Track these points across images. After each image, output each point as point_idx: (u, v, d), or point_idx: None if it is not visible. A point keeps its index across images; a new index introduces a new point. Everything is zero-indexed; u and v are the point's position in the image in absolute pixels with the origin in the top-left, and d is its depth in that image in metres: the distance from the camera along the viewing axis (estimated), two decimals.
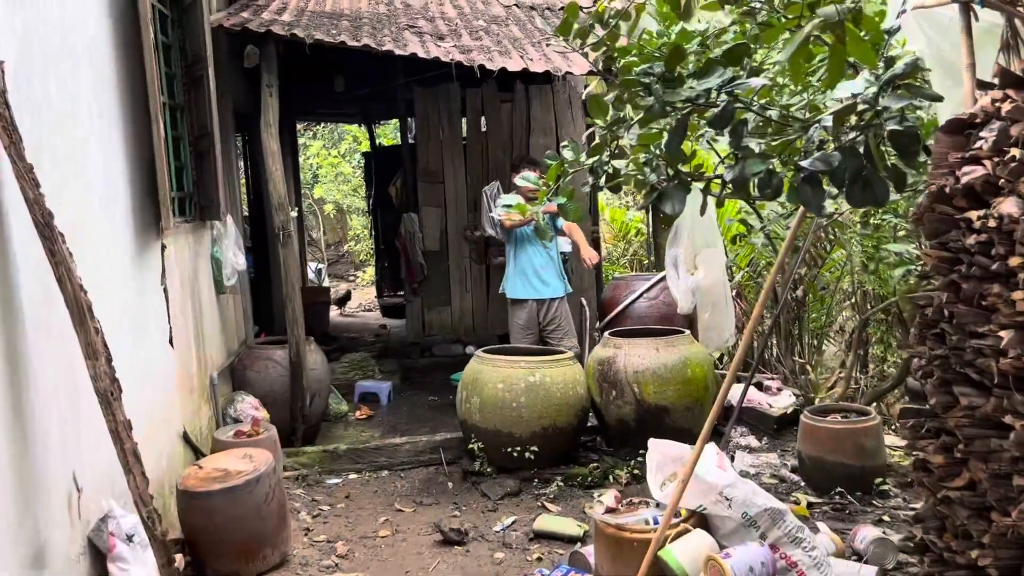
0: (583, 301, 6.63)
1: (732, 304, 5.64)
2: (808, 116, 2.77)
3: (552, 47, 6.19)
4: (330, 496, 4.86)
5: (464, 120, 7.81)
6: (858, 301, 6.36)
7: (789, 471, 4.89)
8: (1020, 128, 2.34)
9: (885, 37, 2.45)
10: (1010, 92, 2.44)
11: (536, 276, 5.89)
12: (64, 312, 2.65)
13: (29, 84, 2.75)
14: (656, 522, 3.21)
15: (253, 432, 4.60)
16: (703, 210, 2.83)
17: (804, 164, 2.31)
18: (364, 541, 4.23)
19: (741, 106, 2.54)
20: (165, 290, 4.16)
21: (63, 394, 2.89)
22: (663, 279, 6.17)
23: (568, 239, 6.22)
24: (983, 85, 2.89)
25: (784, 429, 5.64)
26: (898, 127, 2.35)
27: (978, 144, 2.59)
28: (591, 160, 3.19)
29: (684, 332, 5.21)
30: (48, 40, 2.98)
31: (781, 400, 5.72)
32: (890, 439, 5.09)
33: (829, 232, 5.69)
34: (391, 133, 14.80)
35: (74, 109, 3.21)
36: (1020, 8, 2.83)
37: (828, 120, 2.42)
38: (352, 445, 5.37)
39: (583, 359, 5.81)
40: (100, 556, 3.01)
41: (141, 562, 2.97)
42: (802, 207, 3.25)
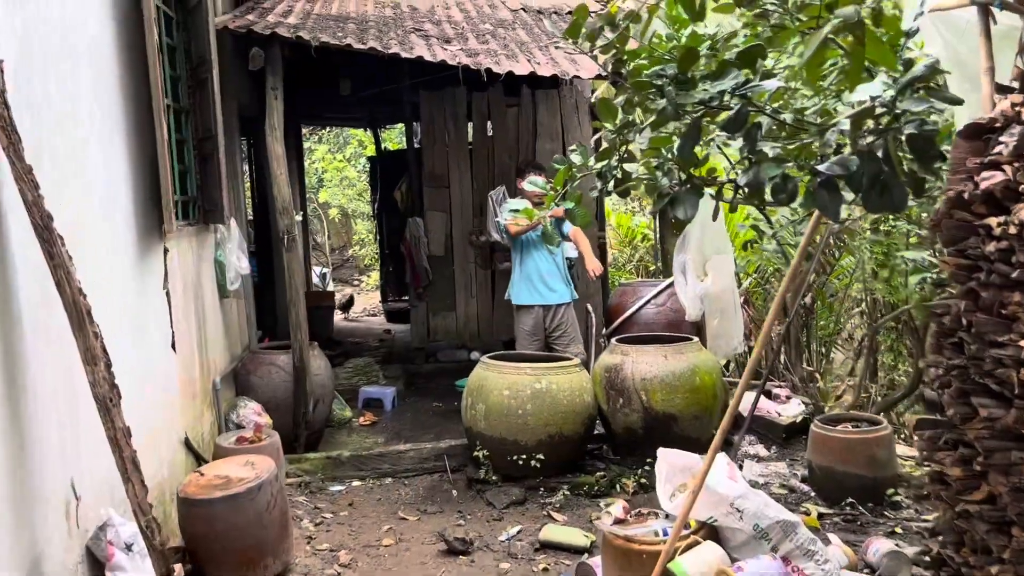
0: (589, 307, 6.57)
1: (741, 311, 5.57)
2: (821, 120, 2.72)
3: (559, 51, 6.14)
4: (333, 504, 4.80)
5: (470, 124, 7.76)
6: (868, 309, 6.28)
7: (799, 481, 4.82)
8: None
9: (904, 39, 2.39)
10: None
11: (542, 282, 5.83)
12: (63, 316, 2.61)
13: (29, 84, 2.71)
14: (666, 534, 3.14)
15: (255, 438, 4.54)
16: (715, 215, 2.78)
17: (821, 168, 2.25)
18: (367, 550, 4.16)
19: (755, 109, 2.49)
20: (167, 294, 4.11)
21: (62, 400, 2.85)
22: (670, 285, 6.10)
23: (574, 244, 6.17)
24: (1002, 89, 2.83)
25: (793, 438, 5.57)
26: (916, 131, 2.29)
27: (997, 149, 2.53)
28: (600, 164, 3.14)
29: (693, 339, 5.15)
30: (48, 40, 2.93)
31: (790, 408, 5.65)
32: (901, 449, 5.02)
33: (838, 239, 5.62)
34: (396, 137, 14.78)
35: (75, 110, 3.16)
36: None
37: (845, 124, 2.36)
38: (356, 452, 5.31)
39: (589, 365, 5.75)
40: (98, 565, 2.95)
41: (140, 571, 2.91)
42: (816, 213, 3.20)
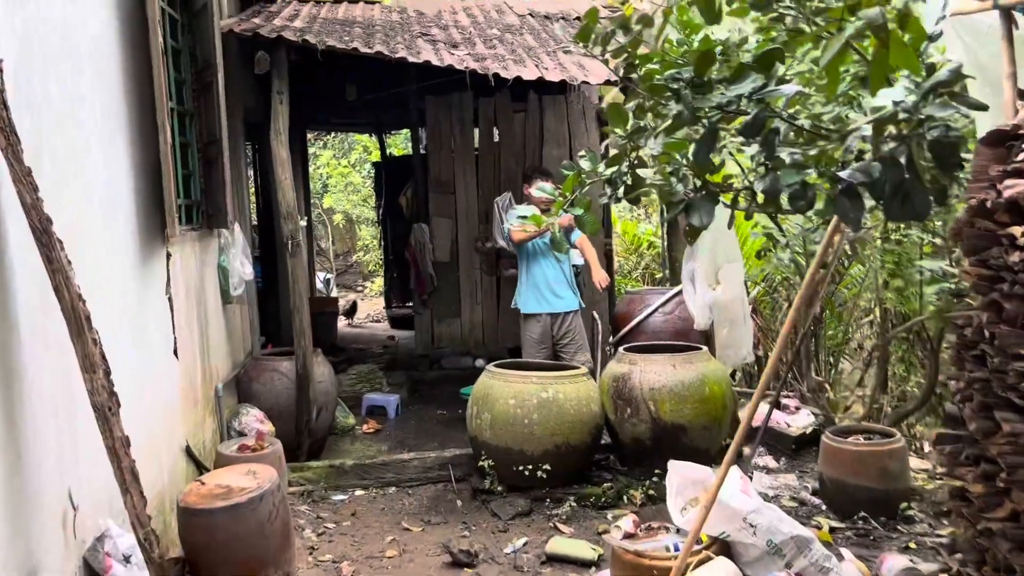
0: (595, 315, 6.50)
1: (751, 321, 5.49)
2: (835, 127, 2.66)
3: (568, 56, 6.08)
4: (336, 513, 4.72)
5: (476, 130, 7.71)
6: (878, 319, 6.20)
7: (809, 494, 4.74)
8: None
9: (927, 43, 2.32)
10: None
11: (549, 290, 5.77)
12: (62, 321, 2.54)
13: (29, 84, 2.65)
14: (677, 549, 3.07)
15: (258, 446, 4.47)
16: (731, 223, 2.71)
17: (843, 175, 2.18)
18: (370, 561, 4.09)
19: (772, 115, 2.42)
20: (170, 299, 4.05)
21: (60, 407, 2.78)
22: (678, 293, 6.02)
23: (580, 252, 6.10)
24: None
25: (802, 449, 5.49)
26: (940, 137, 2.22)
27: (1021, 156, 2.47)
28: (610, 170, 3.07)
29: (702, 348, 5.07)
30: (49, 40, 2.88)
31: (799, 419, 5.57)
32: (914, 462, 4.94)
33: (851, 247, 5.55)
34: (401, 143, 14.74)
35: (76, 111, 3.10)
36: None
37: (866, 129, 2.29)
38: (359, 460, 5.23)
39: (596, 374, 5.67)
40: None
41: None
42: (833, 221, 3.13)
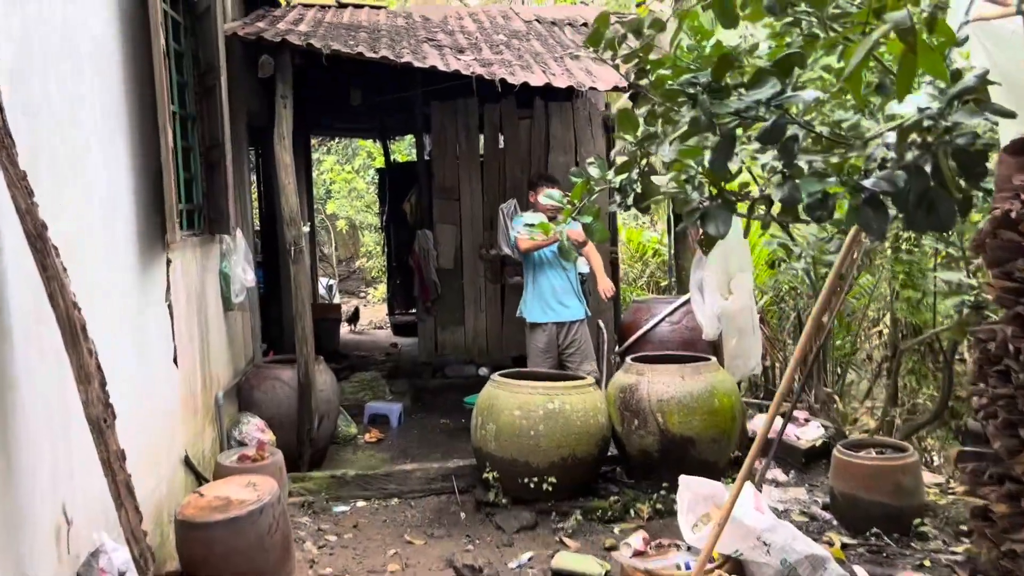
0: (600, 323, 6.41)
1: (760, 331, 5.40)
2: (851, 133, 2.58)
3: (575, 62, 6.01)
4: (337, 525, 4.64)
5: (481, 136, 7.64)
6: (888, 329, 6.11)
7: (820, 508, 4.64)
8: None
9: (953, 48, 2.25)
10: None
11: (555, 298, 5.69)
12: (58, 330, 2.46)
13: (26, 86, 2.58)
14: (688, 567, 2.98)
15: (258, 456, 4.39)
16: (747, 232, 2.63)
17: (867, 184, 2.11)
18: None
19: (791, 121, 2.34)
20: (170, 307, 3.97)
21: (55, 418, 2.70)
22: (686, 303, 5.95)
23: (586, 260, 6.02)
24: None
25: (812, 462, 5.39)
26: (967, 145, 2.14)
27: None
28: (619, 177, 3.00)
29: (711, 359, 4.98)
30: (48, 40, 2.81)
31: (809, 432, 5.47)
32: (926, 476, 4.85)
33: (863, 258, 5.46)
34: (405, 149, 14.68)
35: (76, 114, 3.03)
36: None
37: (889, 136, 2.22)
38: (361, 471, 5.15)
39: (602, 384, 5.59)
40: None
41: None
42: (852, 231, 3.05)
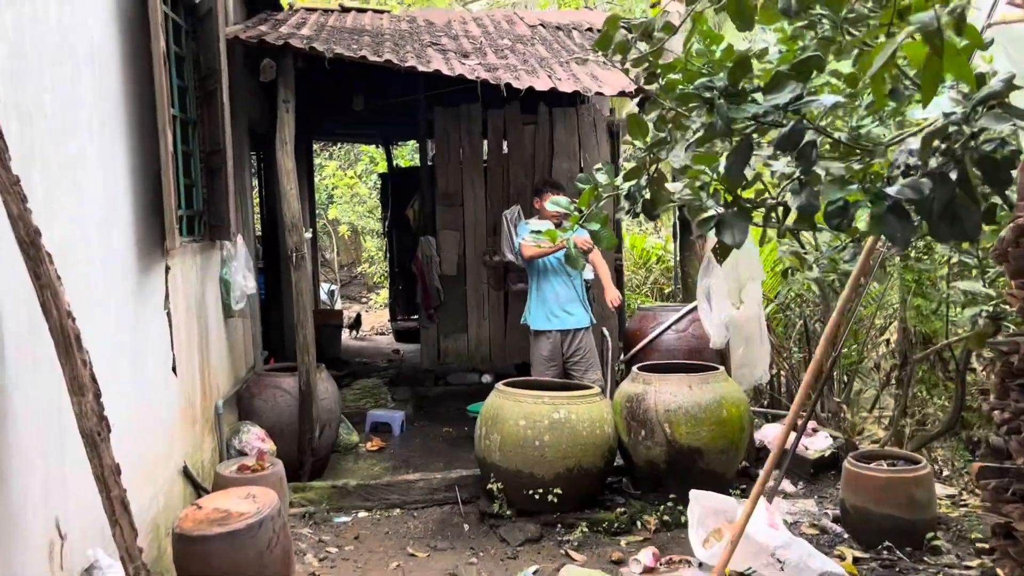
0: (605, 331, 6.33)
1: (768, 339, 5.32)
2: (865, 139, 2.51)
3: (580, 67, 5.94)
4: (338, 536, 4.55)
5: (485, 142, 7.56)
6: (898, 338, 6.03)
7: (831, 521, 4.55)
8: None
9: (974, 52, 2.17)
10: None
11: (560, 306, 5.61)
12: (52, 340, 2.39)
13: (20, 88, 2.51)
14: None
15: (258, 467, 4.31)
16: (762, 240, 2.55)
17: (891, 192, 2.03)
18: None
19: (810, 127, 2.27)
20: (168, 315, 3.89)
21: (49, 429, 2.63)
22: (692, 310, 5.87)
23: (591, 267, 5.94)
24: None
25: (821, 473, 5.31)
26: (994, 151, 2.06)
27: None
28: (628, 184, 2.92)
29: (719, 368, 4.90)
30: (44, 40, 2.74)
31: (817, 442, 5.39)
32: (938, 488, 4.76)
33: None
34: (408, 154, 14.62)
35: (73, 117, 2.96)
36: None
37: (912, 143, 2.14)
38: (363, 481, 5.06)
39: (606, 392, 5.50)
40: None
41: None
42: (870, 240, 2.97)
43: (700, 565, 3.04)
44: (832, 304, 6.26)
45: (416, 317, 9.31)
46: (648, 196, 2.90)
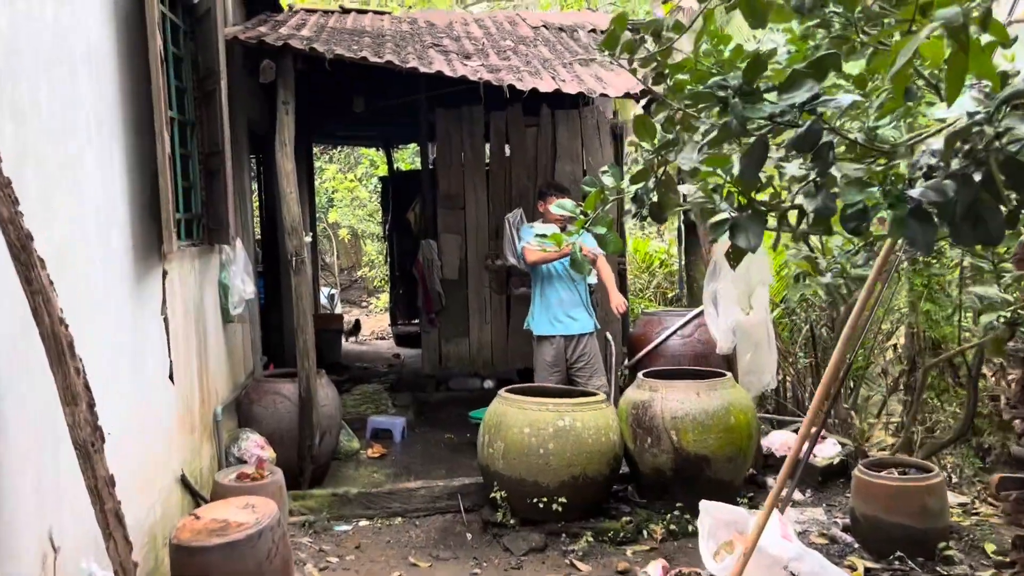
0: (608, 336, 6.24)
1: (776, 345, 5.24)
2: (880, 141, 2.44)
3: (584, 68, 5.88)
4: (339, 546, 4.47)
5: (487, 144, 7.50)
6: (906, 343, 5.95)
7: (840, 530, 4.47)
8: None
9: (1001, 49, 2.10)
10: None
11: (563, 311, 5.53)
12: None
13: (14, 88, 2.44)
14: None
15: (258, 475, 4.24)
16: (776, 244, 2.48)
17: (913, 194, 1.95)
18: None
19: (827, 127, 2.20)
20: (165, 320, 3.82)
21: (42, 439, 2.56)
22: (698, 315, 5.79)
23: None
24: None
25: (829, 481, 5.24)
26: (1017, 153, 1.99)
27: None
28: (635, 186, 2.85)
29: (726, 375, 4.82)
30: (40, 39, 2.67)
31: (825, 449, 5.31)
32: (949, 497, 4.67)
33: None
34: (408, 157, 14.56)
35: (69, 119, 2.89)
36: None
37: (934, 143, 2.07)
38: (364, 489, 4.98)
39: (610, 398, 5.43)
40: None
41: None
42: (887, 244, 2.90)
43: None
44: (841, 309, 6.19)
45: (417, 321, 9.24)
46: (656, 199, 2.84)
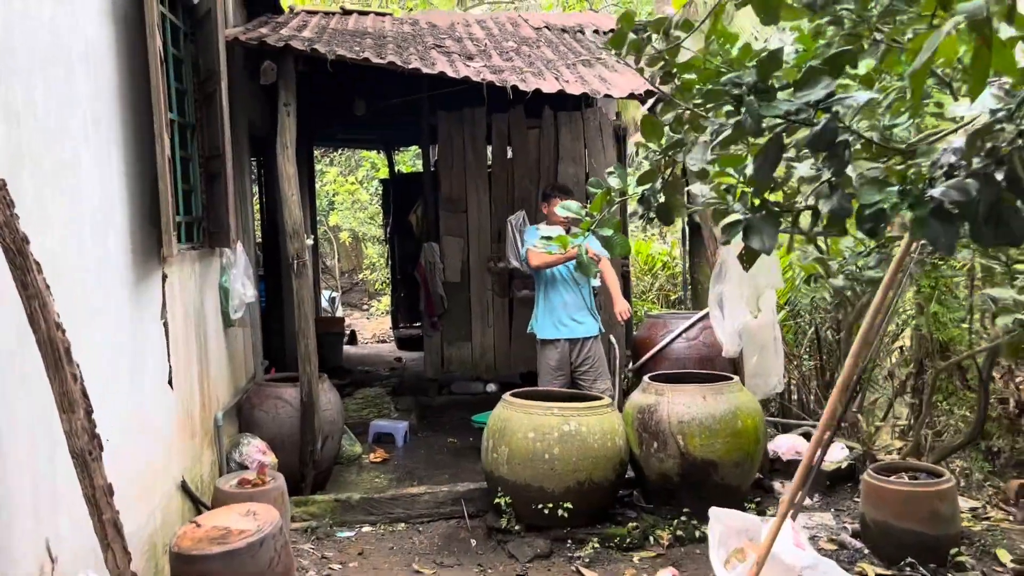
0: (612, 339, 6.17)
1: (782, 347, 5.17)
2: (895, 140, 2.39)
3: (588, 69, 5.82)
4: (341, 552, 4.41)
5: (489, 147, 7.44)
6: (913, 346, 5.89)
7: (849, 535, 4.41)
8: None
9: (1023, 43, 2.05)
10: None
11: (567, 314, 5.47)
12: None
13: (8, 89, 2.38)
14: None
15: (259, 480, 4.18)
16: (790, 247, 2.43)
17: (935, 194, 1.90)
18: None
19: (843, 125, 2.14)
20: (165, 325, 3.76)
21: (38, 447, 2.50)
22: (703, 318, 5.73)
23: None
24: None
25: (837, 485, 5.18)
26: None
27: None
28: (642, 188, 2.80)
29: (733, 378, 4.76)
30: (36, 38, 2.61)
31: (833, 453, 5.23)
32: (963, 502, 4.62)
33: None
34: (409, 160, 14.52)
35: (66, 120, 2.84)
36: None
37: (955, 141, 2.01)
38: (366, 494, 4.91)
39: (615, 401, 5.36)
40: None
41: None
42: (904, 244, 2.84)
43: None
44: (846, 311, 6.13)
45: (419, 324, 9.19)
46: (663, 200, 2.79)
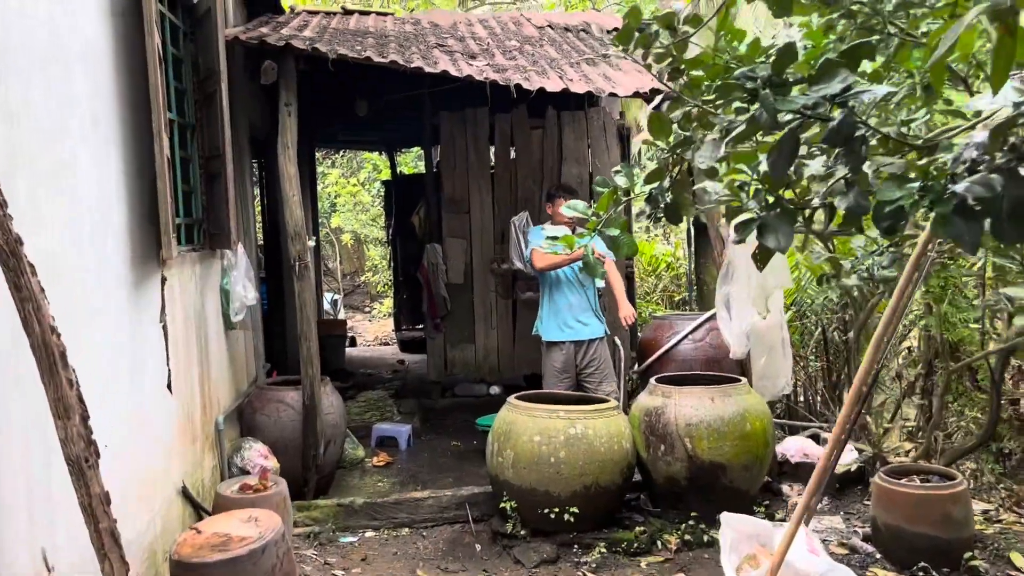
0: (616, 340, 6.11)
1: (790, 349, 5.11)
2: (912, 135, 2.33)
3: (592, 68, 5.76)
4: (344, 558, 4.35)
5: (492, 147, 7.38)
6: (922, 347, 5.82)
7: (861, 539, 4.34)
8: None
9: None
10: None
11: (572, 316, 5.40)
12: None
13: (6, 87, 2.33)
14: None
15: (261, 486, 4.12)
16: (804, 246, 2.36)
17: (958, 190, 1.83)
18: None
19: (860, 120, 2.08)
20: (164, 328, 3.70)
21: (34, 454, 2.44)
22: (709, 319, 5.67)
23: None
24: None
25: (846, 488, 5.11)
26: None
27: None
28: (649, 186, 2.74)
29: (741, 380, 4.69)
30: (33, 36, 2.56)
31: (843, 456, 5.17)
32: (976, 506, 4.55)
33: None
34: (411, 161, 14.46)
35: (62, 119, 2.78)
36: None
37: (977, 136, 1.95)
38: (369, 499, 4.85)
39: (621, 404, 5.30)
40: None
41: None
42: (920, 242, 2.78)
43: None
44: (853, 312, 6.07)
45: (422, 327, 9.12)
46: (671, 199, 2.73)
